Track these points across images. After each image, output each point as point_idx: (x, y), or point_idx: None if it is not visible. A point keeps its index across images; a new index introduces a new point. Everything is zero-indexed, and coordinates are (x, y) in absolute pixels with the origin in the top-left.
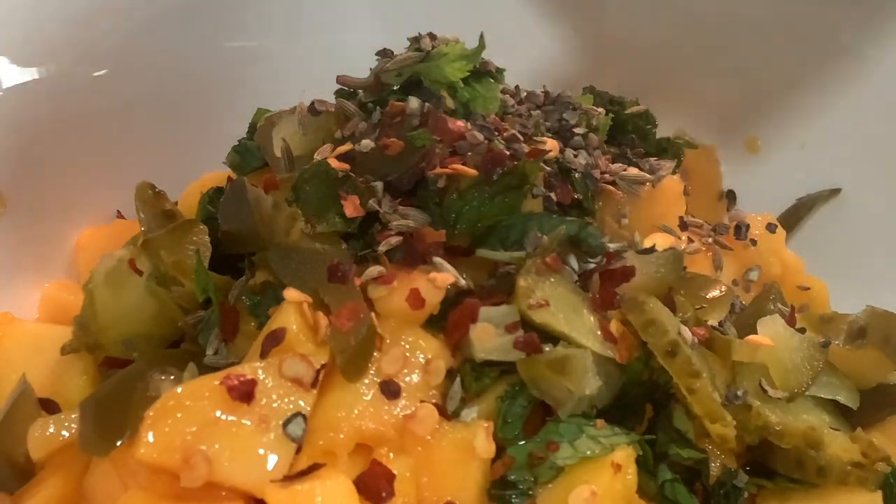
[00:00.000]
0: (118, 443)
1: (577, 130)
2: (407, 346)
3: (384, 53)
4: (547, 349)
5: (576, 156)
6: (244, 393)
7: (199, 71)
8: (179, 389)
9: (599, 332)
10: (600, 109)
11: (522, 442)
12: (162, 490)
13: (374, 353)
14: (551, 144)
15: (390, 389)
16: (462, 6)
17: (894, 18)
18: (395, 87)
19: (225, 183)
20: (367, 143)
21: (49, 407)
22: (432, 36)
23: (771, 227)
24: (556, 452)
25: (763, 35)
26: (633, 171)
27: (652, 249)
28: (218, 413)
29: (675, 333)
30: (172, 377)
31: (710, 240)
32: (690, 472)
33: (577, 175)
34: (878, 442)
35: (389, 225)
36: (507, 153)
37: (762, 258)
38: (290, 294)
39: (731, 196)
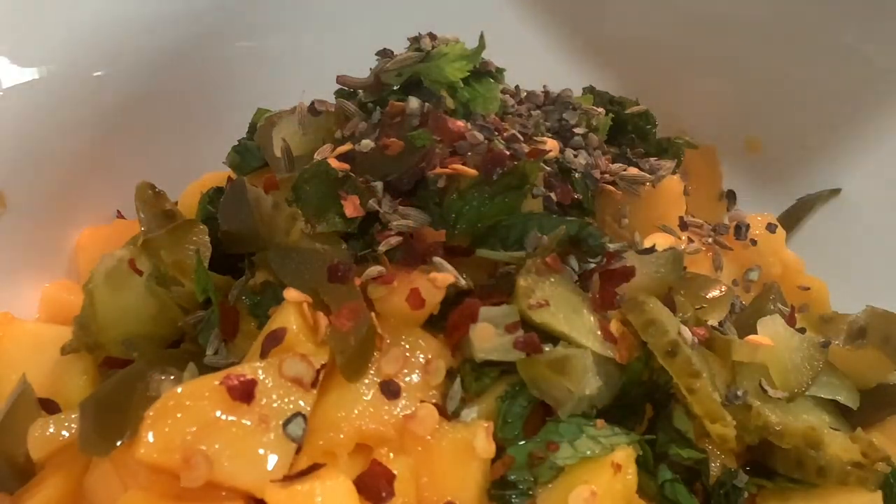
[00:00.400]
0: (118, 443)
1: (577, 130)
2: (407, 346)
3: (384, 53)
4: (547, 349)
5: (576, 156)
6: (244, 393)
7: (199, 71)
8: (179, 389)
9: (599, 332)
10: (600, 109)
11: (522, 442)
12: (162, 490)
13: (374, 353)
14: (551, 144)
15: (390, 389)
16: (462, 6)
17: (895, 18)
18: (395, 87)
19: (225, 183)
20: (367, 143)
21: (49, 407)
22: (432, 36)
23: (771, 227)
24: (556, 452)
25: (763, 35)
26: (633, 171)
27: (652, 249)
28: (218, 413)
29: (675, 333)
30: (172, 377)
31: (710, 240)
32: (690, 472)
33: (577, 175)
34: (878, 442)
35: (389, 225)
36: (507, 153)
37: (762, 258)
38: (290, 294)
39: (731, 196)
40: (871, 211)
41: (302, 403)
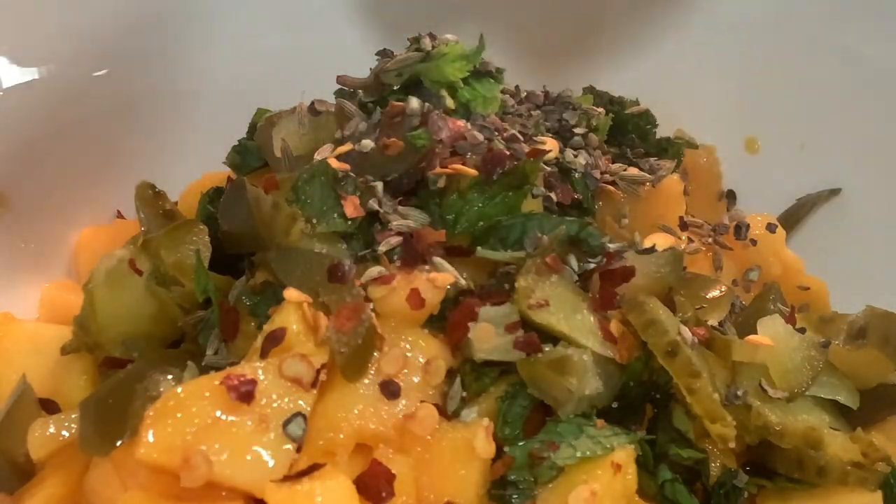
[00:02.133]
0: (118, 443)
1: (577, 130)
2: (407, 346)
3: (384, 53)
4: (547, 349)
5: (576, 156)
6: (244, 393)
7: (199, 71)
8: (179, 389)
9: (599, 332)
10: (600, 109)
11: (522, 442)
12: (162, 490)
13: (374, 353)
14: (551, 144)
15: (390, 389)
16: (462, 6)
17: (894, 18)
18: (395, 87)
19: (225, 183)
20: (367, 143)
21: (49, 407)
22: (432, 36)
23: (771, 227)
24: (556, 452)
25: (763, 35)
26: (633, 171)
27: (652, 249)
28: (218, 413)
29: (675, 333)
30: (172, 377)
31: (710, 240)
32: (690, 472)
33: (577, 175)
34: (878, 442)
35: (389, 225)
36: (507, 153)
37: (762, 258)
38: (290, 294)
39: (731, 196)
40: (871, 211)
41: (302, 403)
